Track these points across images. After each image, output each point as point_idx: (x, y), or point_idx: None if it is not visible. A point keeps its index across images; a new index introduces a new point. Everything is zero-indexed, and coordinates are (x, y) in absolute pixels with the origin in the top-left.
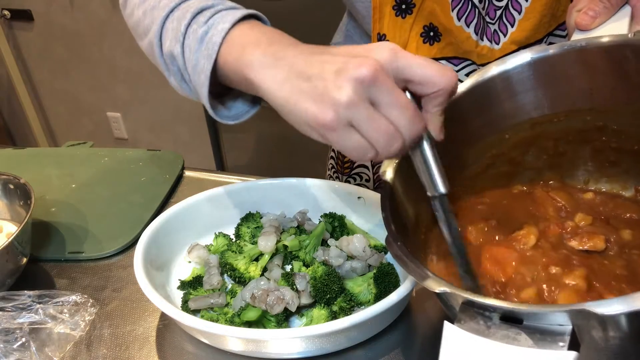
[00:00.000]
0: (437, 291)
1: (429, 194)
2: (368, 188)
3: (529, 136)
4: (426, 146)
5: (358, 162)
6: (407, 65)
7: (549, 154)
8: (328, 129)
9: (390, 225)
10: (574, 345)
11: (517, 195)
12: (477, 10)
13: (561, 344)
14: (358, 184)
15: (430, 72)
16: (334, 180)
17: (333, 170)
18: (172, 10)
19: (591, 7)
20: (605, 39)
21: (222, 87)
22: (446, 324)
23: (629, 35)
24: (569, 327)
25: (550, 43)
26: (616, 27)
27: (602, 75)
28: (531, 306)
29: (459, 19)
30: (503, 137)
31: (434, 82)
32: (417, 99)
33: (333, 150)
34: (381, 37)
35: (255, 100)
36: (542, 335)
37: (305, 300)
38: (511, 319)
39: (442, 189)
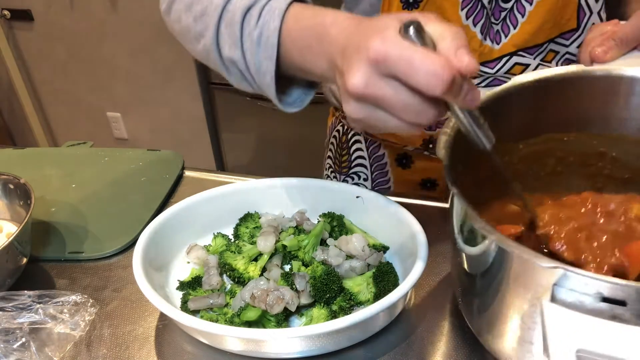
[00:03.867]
0: (548, 266)
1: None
2: (366, 187)
3: (539, 150)
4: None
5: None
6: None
7: (546, 172)
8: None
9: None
10: None
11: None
12: (485, 10)
13: None
14: (355, 184)
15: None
16: (332, 180)
17: (330, 170)
18: (221, 15)
19: (603, 43)
20: (623, 72)
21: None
22: (546, 303)
23: None
24: None
25: (554, 52)
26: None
27: (620, 104)
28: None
29: (466, 18)
30: (517, 147)
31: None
32: None
33: (330, 150)
34: None
35: (312, 84)
36: None
37: (305, 300)
38: (613, 301)
39: (484, 146)
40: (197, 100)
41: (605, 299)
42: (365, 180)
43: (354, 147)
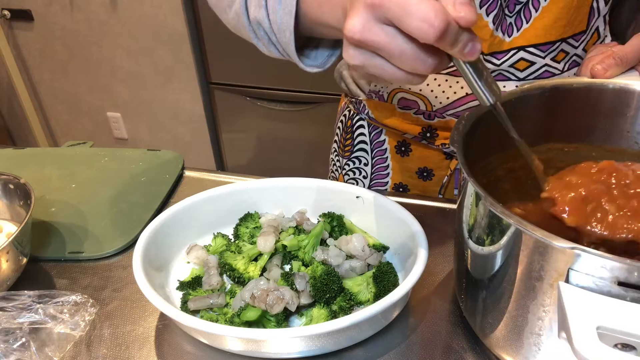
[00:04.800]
0: (564, 246)
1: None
2: (366, 172)
3: (540, 159)
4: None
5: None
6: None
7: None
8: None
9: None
10: None
11: None
12: (499, 1)
13: None
14: (356, 167)
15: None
16: (336, 164)
17: (335, 153)
18: None
19: (604, 60)
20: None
21: (303, 40)
22: (563, 284)
23: None
24: None
25: (564, 52)
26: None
27: (626, 118)
28: None
29: (480, 7)
30: (520, 154)
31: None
32: None
33: (337, 134)
34: None
35: (336, 44)
36: None
37: (305, 300)
38: (628, 285)
39: (486, 102)
40: (197, 100)
41: (620, 283)
42: (365, 165)
43: (357, 132)
